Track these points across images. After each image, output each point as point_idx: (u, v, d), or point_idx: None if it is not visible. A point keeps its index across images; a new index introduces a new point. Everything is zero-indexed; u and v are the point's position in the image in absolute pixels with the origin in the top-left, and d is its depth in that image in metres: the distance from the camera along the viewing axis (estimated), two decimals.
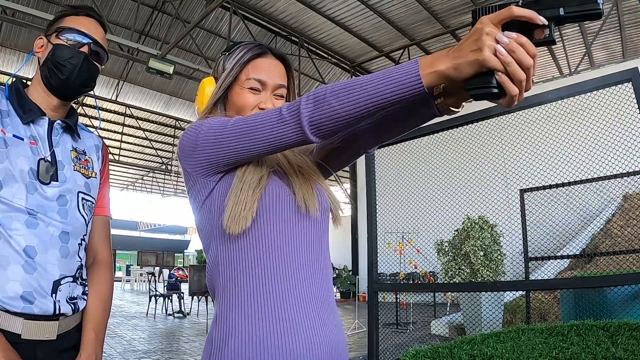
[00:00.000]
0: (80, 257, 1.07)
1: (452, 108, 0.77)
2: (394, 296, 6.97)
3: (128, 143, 14.38)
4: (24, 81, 1.11)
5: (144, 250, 23.43)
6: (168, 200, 24.05)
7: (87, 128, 1.22)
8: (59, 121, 1.08)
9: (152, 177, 19.40)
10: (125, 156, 15.20)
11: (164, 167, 15.31)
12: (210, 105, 0.92)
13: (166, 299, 8.77)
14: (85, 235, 1.10)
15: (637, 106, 2.07)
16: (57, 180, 1.03)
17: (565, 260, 5.86)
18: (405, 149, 3.61)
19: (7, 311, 0.92)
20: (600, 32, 8.53)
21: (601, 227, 6.46)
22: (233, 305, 0.79)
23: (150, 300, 8.48)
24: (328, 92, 0.69)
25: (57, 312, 0.98)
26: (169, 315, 8.46)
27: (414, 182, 3.76)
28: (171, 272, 10.26)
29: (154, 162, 15.80)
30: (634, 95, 2.10)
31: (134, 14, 7.83)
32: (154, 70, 7.15)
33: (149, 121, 12.89)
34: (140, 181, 20.47)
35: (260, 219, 0.80)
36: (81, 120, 1.22)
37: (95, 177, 1.15)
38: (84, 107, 11.13)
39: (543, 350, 1.56)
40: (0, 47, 8.76)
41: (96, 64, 1.10)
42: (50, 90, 1.06)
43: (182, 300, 8.77)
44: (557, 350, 1.55)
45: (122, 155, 14.93)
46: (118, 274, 19.91)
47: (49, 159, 1.03)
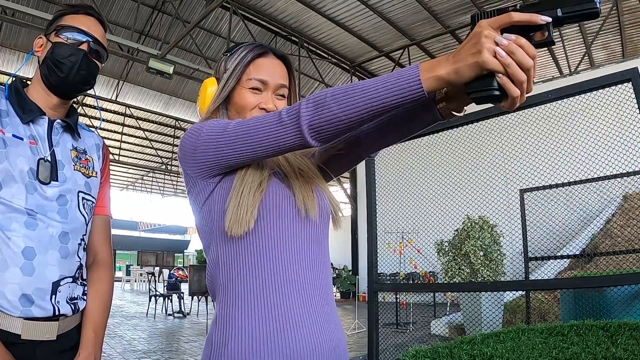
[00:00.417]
0: (79, 257, 1.07)
1: (454, 112, 0.77)
2: (394, 296, 6.97)
3: (128, 143, 14.38)
4: (24, 81, 1.11)
5: (144, 250, 23.42)
6: (168, 200, 24.06)
7: (88, 127, 1.22)
8: (58, 120, 1.08)
9: (152, 177, 19.40)
10: (125, 156, 15.20)
11: (164, 167, 15.30)
12: (213, 107, 0.92)
13: (166, 299, 8.76)
14: (85, 235, 1.10)
15: (637, 106, 2.07)
16: (57, 180, 1.03)
17: (565, 260, 5.85)
18: (405, 149, 3.61)
19: (6, 314, 0.92)
20: (600, 32, 8.52)
21: (601, 227, 6.45)
22: (233, 306, 0.79)
23: (150, 300, 8.48)
24: (328, 95, 0.69)
25: (57, 313, 0.98)
26: (169, 315, 8.46)
27: (414, 182, 3.76)
28: (171, 272, 10.25)
29: (154, 162, 15.80)
30: (633, 95, 2.10)
31: (134, 14, 7.83)
32: (154, 70, 7.15)
33: (149, 121, 12.89)
34: (140, 181, 20.48)
35: (261, 220, 0.80)
36: (82, 120, 1.22)
37: (96, 177, 1.15)
38: (84, 107, 11.13)
39: (543, 350, 1.56)
40: (0, 47, 8.76)
41: (96, 62, 1.10)
42: (49, 88, 1.06)
43: (182, 300, 8.76)
44: (557, 350, 1.55)
45: (122, 155, 14.93)
46: (118, 274, 19.90)
47: (49, 159, 1.03)
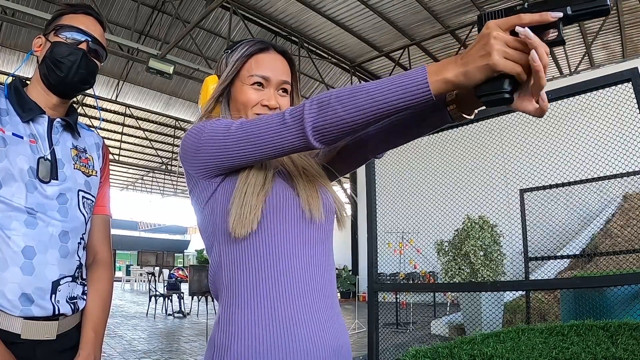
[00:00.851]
0: (79, 256, 1.07)
1: (464, 115, 0.75)
2: (394, 296, 6.97)
3: (128, 143, 14.38)
4: (24, 80, 1.11)
5: (144, 250, 23.43)
6: (168, 200, 24.04)
7: (88, 127, 1.22)
8: (58, 119, 1.08)
9: (152, 177, 19.39)
10: (125, 156, 15.19)
11: (164, 167, 15.30)
12: (212, 102, 0.91)
13: (166, 299, 8.77)
14: (85, 234, 1.10)
15: (637, 106, 2.07)
16: (57, 179, 1.03)
17: (565, 260, 5.85)
18: (405, 149, 3.61)
19: (6, 314, 0.92)
20: (600, 32, 8.52)
21: (601, 227, 6.45)
22: (236, 307, 0.78)
23: (150, 300, 8.48)
24: (333, 97, 0.68)
25: (57, 312, 0.98)
26: (169, 315, 8.46)
27: (414, 182, 3.76)
28: (171, 272, 10.24)
29: (154, 162, 15.79)
30: (634, 95, 2.10)
31: (134, 14, 7.82)
32: (154, 70, 7.15)
33: (149, 121, 12.88)
34: (140, 181, 20.47)
35: (265, 221, 0.79)
36: (82, 120, 1.22)
37: (96, 176, 1.15)
38: (84, 107, 11.13)
39: (543, 350, 1.56)
40: (0, 47, 8.76)
41: (95, 61, 1.10)
42: (49, 88, 1.06)
43: (182, 300, 8.76)
44: (557, 350, 1.55)
45: (122, 155, 14.92)
46: (118, 274, 19.90)
47: (49, 158, 1.03)
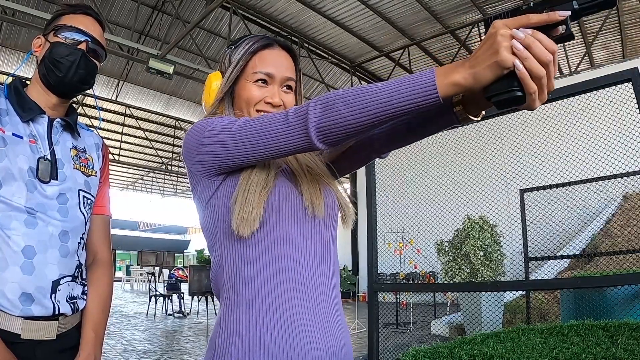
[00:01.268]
0: (79, 256, 1.07)
1: (471, 116, 0.75)
2: (394, 296, 6.97)
3: (128, 143, 14.38)
4: (23, 80, 1.11)
5: (144, 250, 23.46)
6: (168, 200, 24.04)
7: (88, 127, 1.22)
8: (58, 119, 1.08)
9: (152, 177, 19.39)
10: (125, 156, 15.19)
11: (164, 167, 15.30)
12: (217, 100, 0.90)
13: (166, 299, 8.77)
14: (84, 233, 1.10)
15: (637, 106, 2.07)
16: (56, 179, 1.03)
17: (565, 260, 5.85)
18: (405, 148, 3.60)
19: (6, 313, 0.92)
20: (600, 32, 8.52)
21: (601, 227, 6.46)
22: (238, 307, 0.77)
23: (150, 300, 8.48)
24: (338, 98, 0.67)
25: (57, 312, 0.98)
26: (169, 315, 8.46)
27: (414, 182, 3.76)
28: (171, 272, 10.25)
29: (154, 162, 15.79)
30: (634, 95, 2.10)
31: (134, 14, 7.82)
32: (154, 70, 7.15)
33: (149, 121, 12.88)
34: (140, 181, 20.47)
35: (267, 219, 0.78)
36: (81, 120, 1.22)
37: (95, 176, 1.15)
38: (84, 107, 11.13)
39: (543, 350, 1.56)
40: (0, 47, 8.76)
41: (94, 61, 1.10)
42: (48, 88, 1.06)
43: (182, 300, 8.77)
44: (557, 350, 1.55)
45: (122, 155, 14.91)
46: (118, 274, 19.90)
47: (49, 158, 1.03)
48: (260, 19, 8.64)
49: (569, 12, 0.57)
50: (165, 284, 9.62)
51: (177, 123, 12.92)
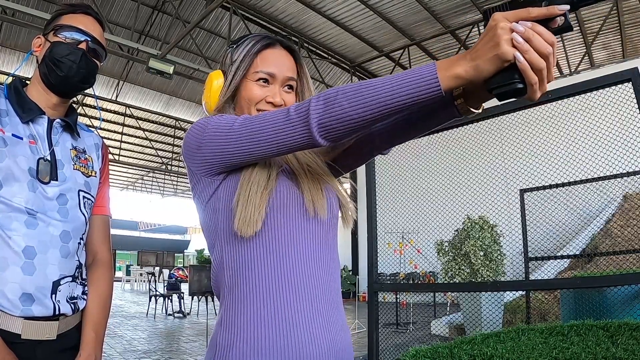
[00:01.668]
0: (79, 257, 1.07)
1: (471, 109, 0.75)
2: (394, 296, 6.96)
3: (128, 143, 14.38)
4: (23, 80, 1.11)
5: (144, 250, 23.44)
6: (168, 200, 24.05)
7: (87, 127, 1.22)
8: (58, 120, 1.08)
9: (152, 177, 19.39)
10: (125, 156, 15.19)
11: (164, 167, 15.30)
12: (221, 102, 0.89)
13: (166, 299, 8.77)
14: (85, 234, 1.10)
15: (637, 106, 2.07)
16: (56, 180, 1.03)
17: (565, 260, 5.86)
18: (405, 148, 3.61)
19: (6, 313, 0.92)
20: (600, 32, 8.52)
21: (601, 227, 6.46)
22: (239, 307, 0.77)
23: (150, 300, 8.48)
24: (339, 93, 0.67)
25: (57, 312, 0.98)
26: (169, 315, 8.46)
27: (414, 181, 3.76)
28: (171, 272, 10.25)
29: (154, 162, 15.79)
30: (634, 95, 2.10)
31: (134, 14, 7.82)
32: (154, 70, 7.15)
33: (149, 121, 12.88)
34: (140, 181, 20.47)
35: (268, 219, 0.78)
36: (81, 120, 1.22)
37: (95, 176, 1.15)
38: (84, 107, 11.13)
39: (543, 350, 1.56)
40: (0, 47, 8.76)
41: (95, 60, 1.10)
42: (49, 87, 1.06)
43: (182, 300, 8.77)
44: (557, 350, 1.55)
45: (122, 155, 14.92)
46: (118, 274, 19.90)
47: (49, 158, 1.03)
48: (260, 19, 8.64)
49: (567, 7, 0.58)
50: (165, 284, 9.62)
51: (177, 123, 12.93)
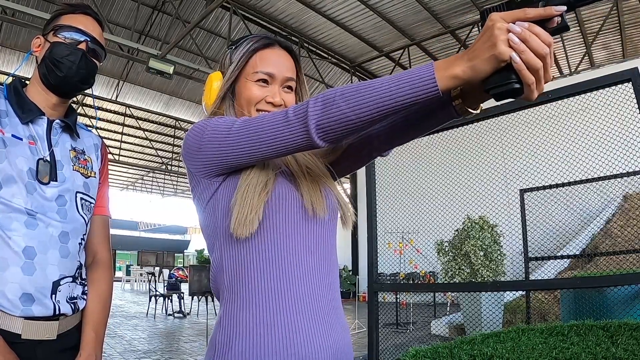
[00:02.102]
0: (80, 257, 1.07)
1: (469, 109, 0.75)
2: (394, 296, 6.97)
3: (128, 143, 14.38)
4: (23, 80, 1.11)
5: (144, 250, 23.44)
6: (168, 200, 24.05)
7: (87, 127, 1.22)
8: (57, 121, 1.08)
9: (152, 177, 19.39)
10: (125, 156, 15.19)
11: (164, 167, 15.30)
12: (218, 99, 0.90)
13: (166, 299, 8.77)
14: (85, 234, 1.10)
15: (637, 106, 2.07)
16: (56, 180, 1.03)
17: (565, 260, 5.86)
18: (405, 149, 3.61)
19: (7, 314, 0.92)
20: (600, 32, 8.52)
21: (601, 227, 6.46)
22: (238, 307, 0.77)
23: (150, 300, 8.48)
24: (337, 94, 0.67)
25: (57, 312, 0.98)
26: (169, 315, 8.46)
27: (414, 182, 3.76)
28: (171, 272, 10.25)
29: (154, 162, 15.79)
30: (634, 95, 2.10)
31: (134, 14, 7.82)
32: (154, 70, 7.15)
33: (149, 121, 12.88)
34: (140, 181, 20.47)
35: (267, 221, 0.78)
36: (81, 120, 1.22)
37: (95, 177, 1.15)
38: (84, 107, 11.13)
39: (543, 350, 1.56)
40: (0, 47, 8.76)
41: (94, 61, 1.10)
42: (49, 88, 1.06)
43: (182, 300, 8.77)
44: (557, 350, 1.55)
45: (122, 155, 14.92)
46: (118, 274, 19.91)
47: (48, 159, 1.03)
48: (260, 19, 8.64)
49: (564, 8, 0.58)
50: (165, 284, 9.62)
51: (177, 123, 12.93)
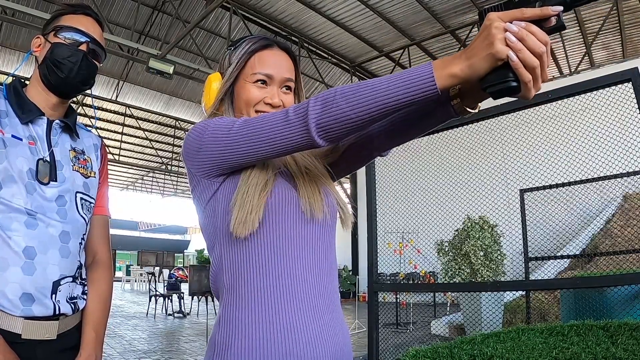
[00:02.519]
0: (80, 257, 1.07)
1: (468, 109, 0.76)
2: (394, 296, 6.96)
3: (128, 143, 14.38)
4: (23, 80, 1.11)
5: (144, 250, 23.46)
6: (168, 200, 24.05)
7: (87, 127, 1.22)
8: (57, 121, 1.08)
9: (152, 177, 19.39)
10: (125, 156, 15.19)
11: (164, 167, 15.30)
12: (217, 100, 0.90)
13: (166, 299, 8.77)
14: (85, 234, 1.10)
15: (637, 106, 2.07)
16: (55, 181, 1.03)
17: (565, 260, 5.85)
18: (405, 149, 3.60)
19: (7, 313, 0.92)
20: (600, 32, 8.52)
21: (601, 227, 6.45)
22: (237, 307, 0.78)
23: (150, 300, 8.49)
24: (337, 93, 0.68)
25: (57, 312, 0.98)
26: (169, 315, 8.46)
27: (414, 182, 3.76)
28: (171, 272, 10.25)
29: (154, 162, 15.79)
30: (634, 95, 2.10)
31: (134, 14, 7.82)
32: (154, 70, 7.15)
33: (149, 121, 12.88)
34: (140, 181, 20.47)
35: (267, 221, 0.79)
36: (81, 120, 1.22)
37: (94, 177, 1.15)
38: (84, 107, 11.13)
39: (543, 350, 1.56)
40: (0, 47, 8.76)
41: (95, 62, 1.10)
42: (49, 88, 1.06)
43: (182, 300, 8.77)
44: (557, 350, 1.55)
45: (122, 155, 14.92)
46: (118, 274, 19.91)
47: (48, 159, 1.03)
48: (260, 19, 8.64)
49: (561, 8, 0.59)
50: (165, 284, 9.63)
51: (177, 123, 12.93)
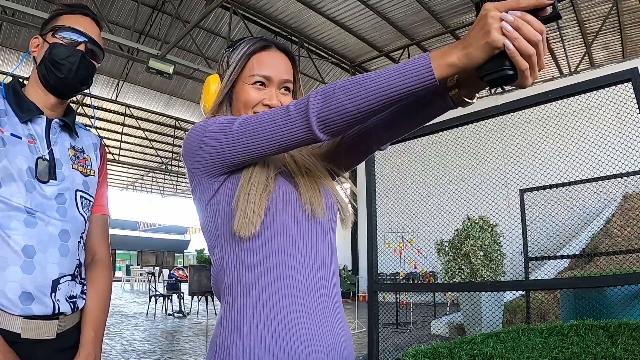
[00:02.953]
0: (79, 256, 1.07)
1: (466, 99, 0.76)
2: (394, 296, 6.96)
3: (128, 143, 14.39)
4: (21, 80, 1.11)
5: (144, 250, 23.45)
6: (168, 200, 24.05)
7: (86, 127, 1.22)
8: (56, 120, 1.08)
9: (152, 177, 19.40)
10: (125, 156, 15.20)
11: (164, 167, 15.31)
12: (217, 104, 0.90)
13: (166, 299, 8.77)
14: (84, 233, 1.10)
15: (637, 106, 2.07)
16: (55, 179, 1.03)
17: (565, 260, 5.85)
18: (405, 148, 3.61)
19: (6, 312, 0.92)
20: (600, 32, 8.52)
21: (601, 227, 6.46)
22: (238, 307, 0.78)
23: (150, 300, 8.48)
24: (337, 87, 0.68)
25: (57, 311, 0.98)
26: (169, 315, 8.46)
27: (414, 182, 3.76)
28: (171, 272, 10.25)
29: (154, 162, 15.80)
30: (634, 95, 2.10)
31: (134, 14, 7.82)
32: (154, 70, 7.15)
33: (149, 121, 12.89)
34: (140, 181, 20.48)
35: (268, 221, 0.79)
36: (81, 120, 1.22)
37: (94, 176, 1.15)
38: (84, 107, 11.13)
39: (543, 350, 1.56)
40: (0, 47, 8.76)
41: (93, 62, 1.10)
42: (48, 88, 1.06)
43: (182, 300, 8.76)
44: (557, 350, 1.55)
45: (122, 155, 14.93)
46: (118, 273, 19.90)
47: (47, 158, 1.03)
48: (260, 19, 8.64)
49: None
50: (165, 284, 9.62)
51: (177, 123, 12.94)
